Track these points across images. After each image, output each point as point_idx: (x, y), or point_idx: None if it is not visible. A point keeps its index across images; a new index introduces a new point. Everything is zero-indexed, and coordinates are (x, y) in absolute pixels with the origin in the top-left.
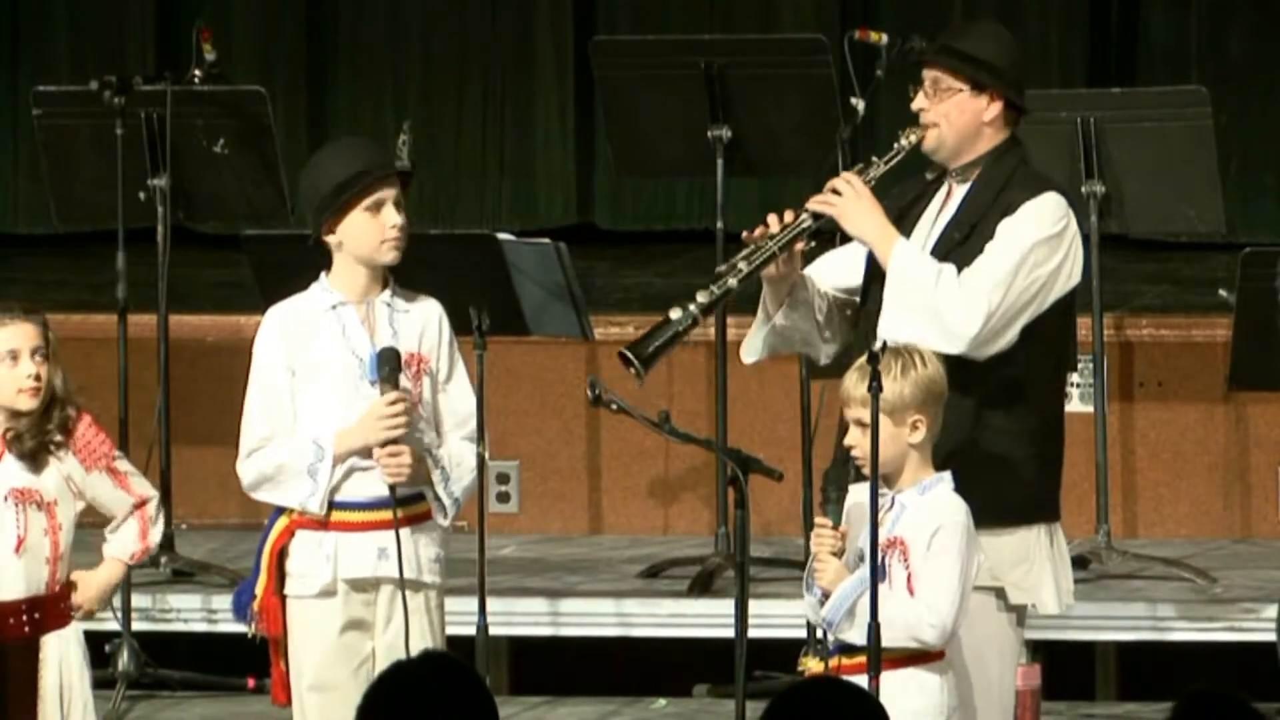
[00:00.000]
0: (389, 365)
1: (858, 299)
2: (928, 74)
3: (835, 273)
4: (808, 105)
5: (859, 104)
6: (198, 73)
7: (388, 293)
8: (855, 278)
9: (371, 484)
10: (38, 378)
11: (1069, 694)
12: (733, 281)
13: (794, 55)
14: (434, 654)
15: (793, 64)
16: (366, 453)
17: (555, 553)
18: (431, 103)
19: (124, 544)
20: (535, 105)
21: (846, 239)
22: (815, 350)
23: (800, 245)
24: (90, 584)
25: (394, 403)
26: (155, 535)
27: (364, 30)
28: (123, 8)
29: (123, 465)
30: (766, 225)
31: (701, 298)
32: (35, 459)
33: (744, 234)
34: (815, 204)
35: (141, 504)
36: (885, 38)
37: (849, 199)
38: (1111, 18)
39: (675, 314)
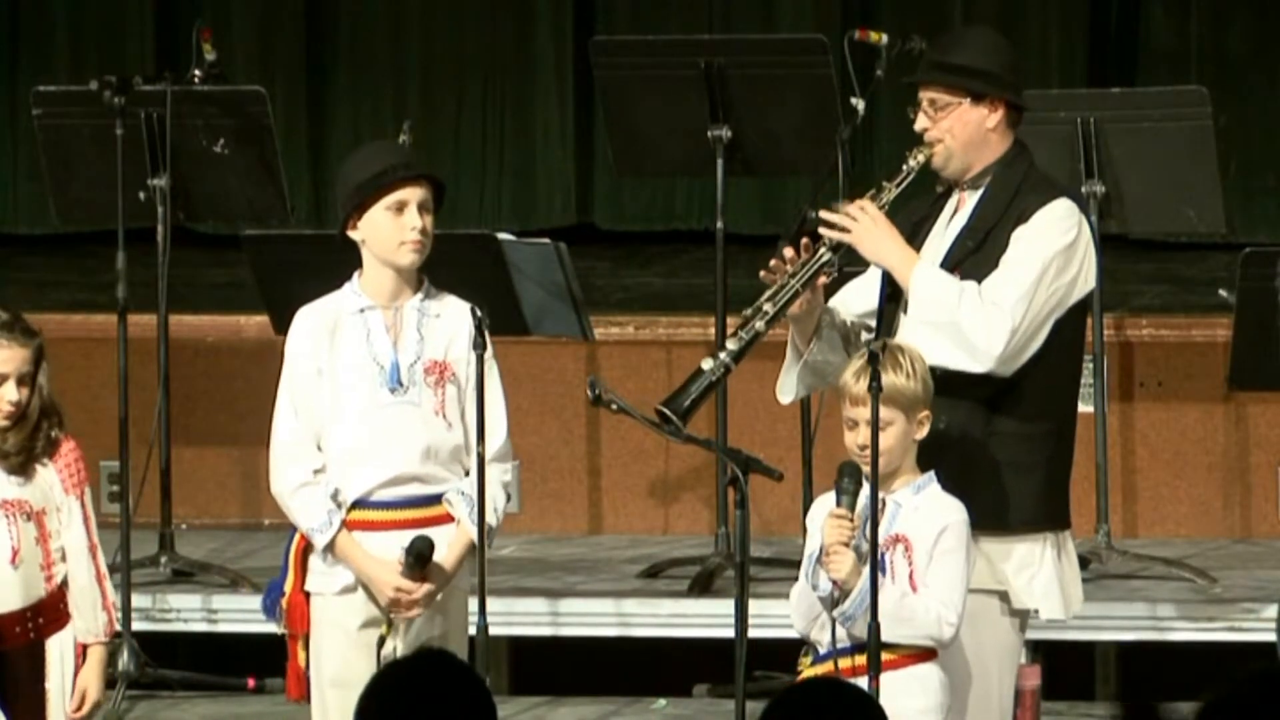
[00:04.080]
0: (415, 557)
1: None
2: (924, 94)
3: (858, 301)
4: (808, 105)
5: (859, 104)
6: (198, 73)
7: (418, 297)
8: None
9: (396, 487)
10: (17, 404)
11: (1069, 694)
12: (760, 325)
13: (794, 55)
14: (432, 652)
15: (793, 64)
16: (394, 465)
17: (555, 553)
18: (431, 103)
19: (94, 621)
20: (535, 105)
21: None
22: None
23: (822, 279)
24: (92, 683)
25: (413, 595)
26: (111, 591)
27: (364, 30)
28: (123, 8)
29: (89, 503)
30: (783, 259)
31: (731, 345)
32: (24, 471)
33: (762, 273)
34: (832, 235)
35: (93, 551)
36: (885, 38)
37: (866, 226)
38: (1111, 18)
39: (707, 364)
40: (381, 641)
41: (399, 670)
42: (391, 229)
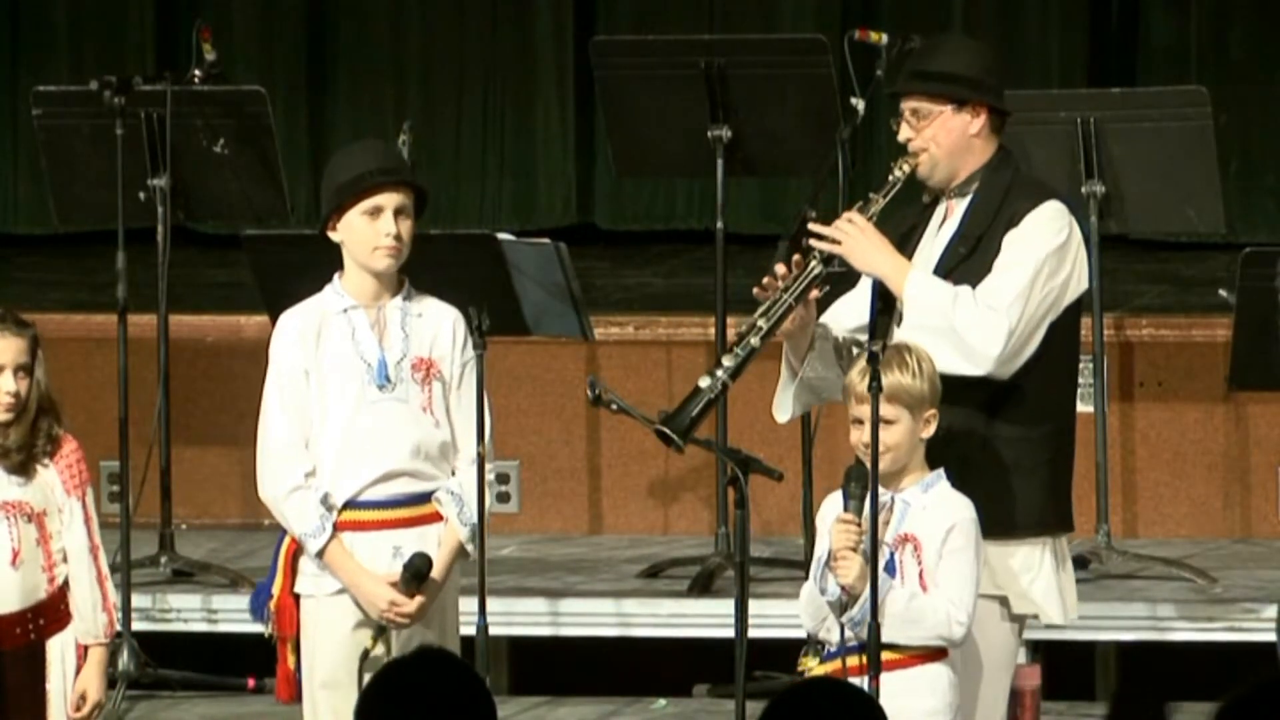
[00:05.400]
0: (413, 574)
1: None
2: (906, 105)
3: (850, 316)
4: (808, 105)
5: (859, 104)
6: (198, 73)
7: (400, 297)
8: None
9: (387, 485)
10: (16, 395)
11: (1069, 694)
12: (755, 341)
13: (794, 55)
14: (432, 651)
15: (793, 64)
16: (385, 461)
17: (555, 553)
18: (432, 103)
19: (95, 622)
20: (535, 105)
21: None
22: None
23: (815, 293)
24: (92, 684)
25: (406, 608)
26: (113, 592)
27: (364, 31)
28: (123, 8)
29: (90, 504)
30: (775, 276)
31: (728, 362)
32: (24, 471)
33: (755, 290)
34: (822, 247)
35: (95, 552)
36: (885, 38)
37: (855, 237)
38: (1111, 18)
39: (704, 382)
40: (365, 655)
41: (399, 670)
42: (366, 233)
